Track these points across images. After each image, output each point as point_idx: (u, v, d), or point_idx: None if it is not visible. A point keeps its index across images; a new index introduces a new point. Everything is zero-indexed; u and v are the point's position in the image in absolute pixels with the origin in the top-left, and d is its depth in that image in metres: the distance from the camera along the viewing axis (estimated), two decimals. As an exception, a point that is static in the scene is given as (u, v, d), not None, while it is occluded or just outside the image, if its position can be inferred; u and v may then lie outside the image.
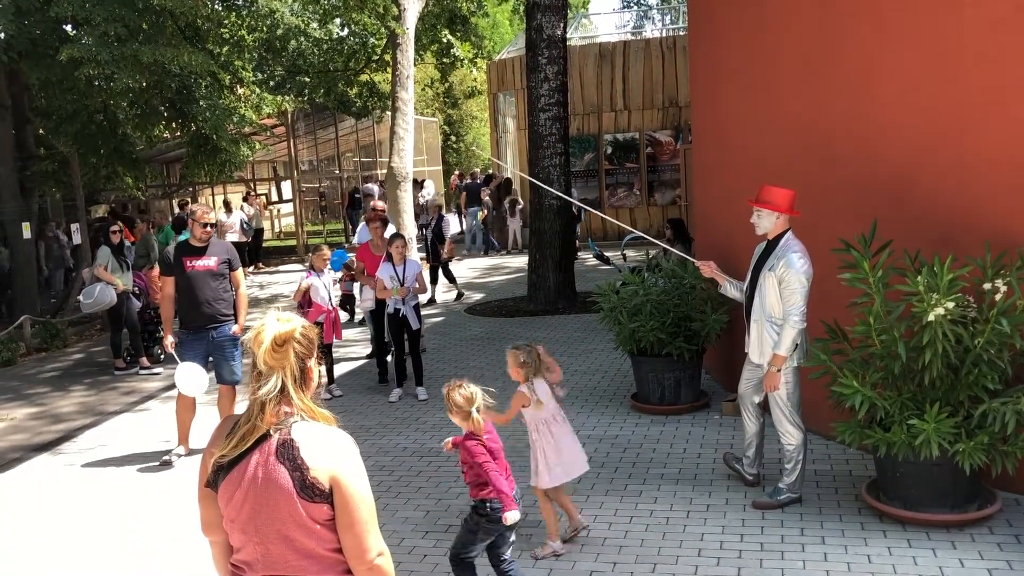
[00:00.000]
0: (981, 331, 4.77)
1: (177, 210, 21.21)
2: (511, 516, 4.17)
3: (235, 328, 7.17)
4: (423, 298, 10.00)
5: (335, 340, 8.77)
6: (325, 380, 8.68)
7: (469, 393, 4.26)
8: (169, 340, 7.22)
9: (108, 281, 10.30)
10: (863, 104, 5.92)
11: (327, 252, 8.78)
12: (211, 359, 7.17)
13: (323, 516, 2.40)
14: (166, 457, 7.15)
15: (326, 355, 8.63)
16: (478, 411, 4.26)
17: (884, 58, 5.78)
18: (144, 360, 10.67)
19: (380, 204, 11.21)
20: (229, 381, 7.18)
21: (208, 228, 7.14)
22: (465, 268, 17.78)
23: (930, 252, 5.04)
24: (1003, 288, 4.75)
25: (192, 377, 6.72)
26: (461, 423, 4.31)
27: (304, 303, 8.55)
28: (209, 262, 7.08)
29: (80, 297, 10.42)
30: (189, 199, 23.85)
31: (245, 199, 22.28)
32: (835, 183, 6.15)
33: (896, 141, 5.74)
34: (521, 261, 16.79)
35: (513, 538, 4.37)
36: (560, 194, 10.64)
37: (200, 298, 7.03)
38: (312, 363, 2.51)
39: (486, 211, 20.77)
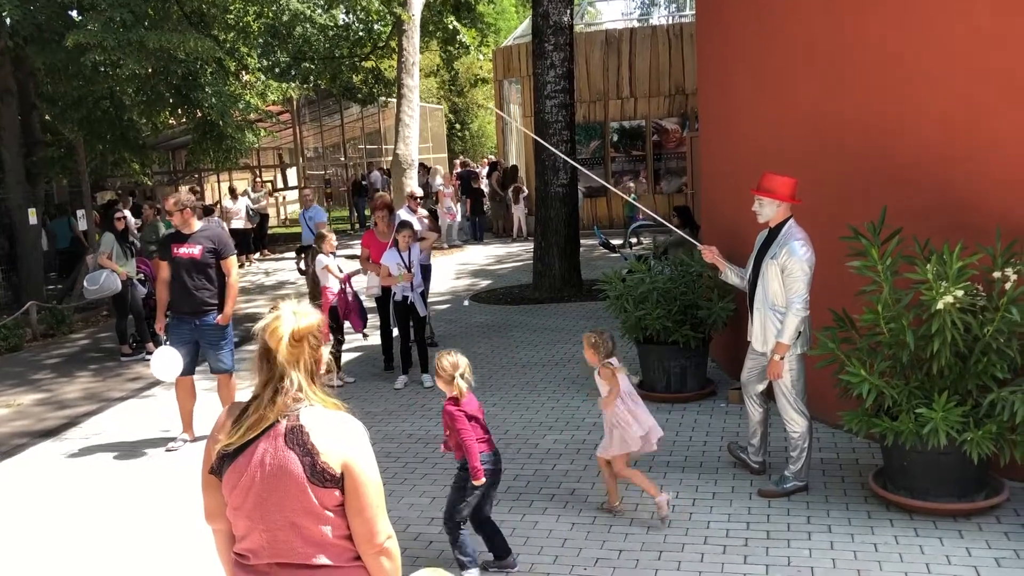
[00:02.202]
0: (990, 320, 4.75)
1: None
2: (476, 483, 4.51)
3: (219, 317, 7.02)
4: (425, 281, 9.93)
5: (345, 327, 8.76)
6: (335, 370, 8.66)
7: (455, 360, 4.53)
8: (161, 324, 7.18)
9: (112, 269, 10.30)
10: (873, 91, 5.88)
11: (333, 237, 8.76)
12: (200, 346, 7.12)
13: (333, 502, 2.39)
14: (171, 444, 7.17)
15: (336, 337, 8.57)
16: (462, 377, 4.51)
17: (895, 45, 5.73)
18: (150, 346, 10.67)
19: (419, 191, 11.12)
20: (218, 370, 7.13)
21: (181, 214, 6.91)
22: (481, 256, 17.74)
23: (940, 240, 5.01)
24: (1013, 276, 4.72)
25: (166, 362, 6.78)
26: (445, 388, 4.57)
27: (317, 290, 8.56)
28: (193, 250, 6.93)
29: (85, 283, 10.43)
30: (197, 186, 23.83)
31: (252, 187, 22.21)
32: (844, 170, 6.12)
33: (906, 128, 5.70)
34: (529, 249, 16.77)
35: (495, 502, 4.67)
36: (571, 161, 10.61)
37: (184, 285, 6.93)
38: (321, 351, 2.52)
39: (458, 205, 20.48)
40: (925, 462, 4.89)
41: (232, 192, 20.47)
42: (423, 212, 10.46)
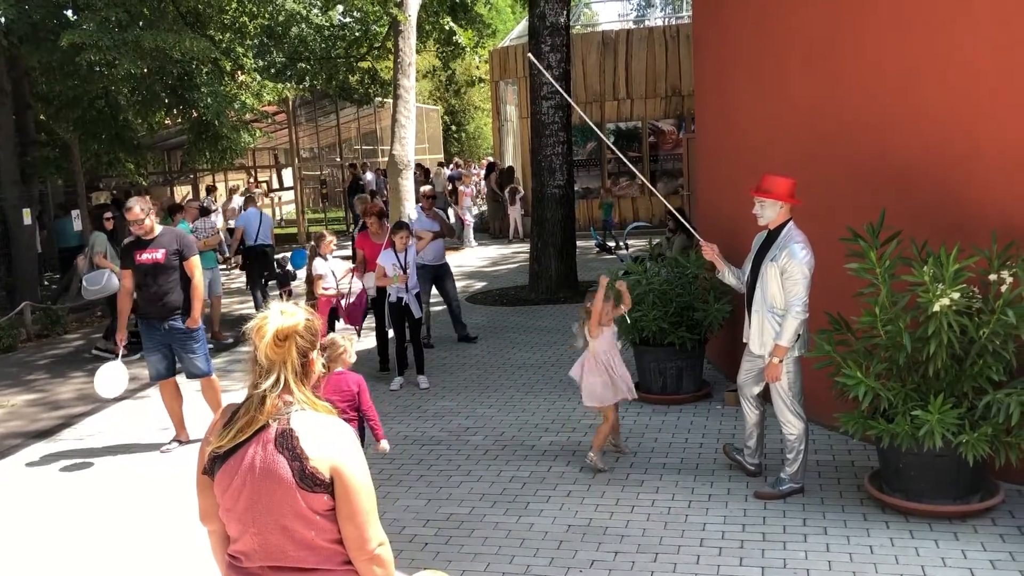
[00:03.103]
0: (986, 322, 4.75)
1: (203, 195, 21.29)
2: None
3: (188, 321, 6.92)
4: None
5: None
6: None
7: (328, 341, 5.09)
8: (122, 335, 7.04)
9: (110, 268, 10.28)
10: (872, 93, 5.88)
11: (331, 238, 8.73)
12: (174, 351, 7.04)
13: (323, 506, 2.37)
14: (165, 446, 7.14)
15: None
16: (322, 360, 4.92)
17: (894, 47, 5.73)
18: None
19: (428, 188, 11.03)
20: (193, 375, 7.05)
21: (143, 224, 6.77)
22: (477, 257, 17.73)
23: (937, 242, 5.01)
24: (1009, 279, 4.72)
25: (111, 378, 6.76)
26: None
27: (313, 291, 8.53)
28: (156, 255, 6.80)
29: (84, 283, 10.38)
30: (217, 185, 23.81)
31: (232, 192, 22.09)
32: (842, 172, 6.12)
33: (904, 130, 5.70)
34: (526, 250, 16.76)
35: None
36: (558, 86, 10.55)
37: (151, 291, 6.81)
38: (314, 355, 2.49)
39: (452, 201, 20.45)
40: (921, 464, 4.89)
41: (229, 193, 20.50)
42: (436, 211, 10.39)
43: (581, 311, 6.19)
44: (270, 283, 12.67)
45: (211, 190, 21.48)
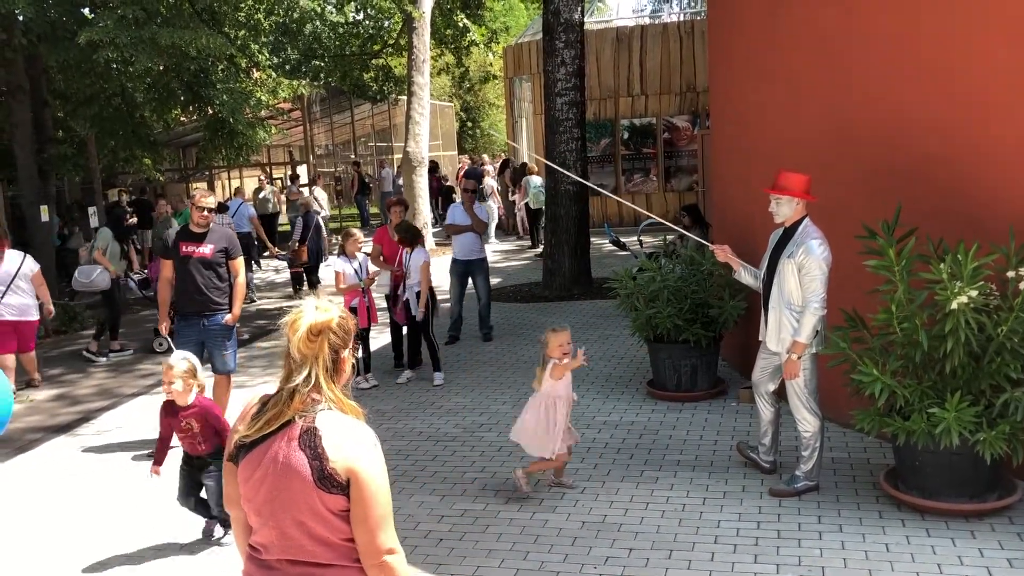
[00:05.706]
0: (1004, 319, 4.72)
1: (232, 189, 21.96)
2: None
3: (227, 318, 7.00)
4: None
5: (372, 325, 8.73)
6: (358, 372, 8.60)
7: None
8: (164, 324, 7.11)
9: (105, 266, 10.37)
10: (886, 87, 5.85)
11: (359, 236, 8.72)
12: (206, 347, 7.06)
13: (339, 507, 2.39)
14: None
15: (363, 341, 8.53)
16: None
17: (907, 42, 5.70)
18: (115, 344, 10.92)
19: (470, 183, 10.99)
20: (221, 371, 7.09)
21: (206, 213, 6.90)
22: (490, 253, 17.69)
23: (953, 239, 4.98)
24: (1027, 276, 4.69)
25: None
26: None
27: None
28: (204, 250, 6.87)
29: (76, 274, 10.51)
30: (261, 179, 24.26)
31: (313, 182, 22.34)
32: (857, 169, 6.09)
33: (920, 126, 5.66)
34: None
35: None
36: (577, 177, 10.58)
37: (192, 285, 6.86)
38: (346, 354, 2.50)
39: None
40: (937, 462, 4.87)
41: (294, 179, 21.70)
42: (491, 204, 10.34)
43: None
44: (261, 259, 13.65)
45: (294, 179, 22.14)
